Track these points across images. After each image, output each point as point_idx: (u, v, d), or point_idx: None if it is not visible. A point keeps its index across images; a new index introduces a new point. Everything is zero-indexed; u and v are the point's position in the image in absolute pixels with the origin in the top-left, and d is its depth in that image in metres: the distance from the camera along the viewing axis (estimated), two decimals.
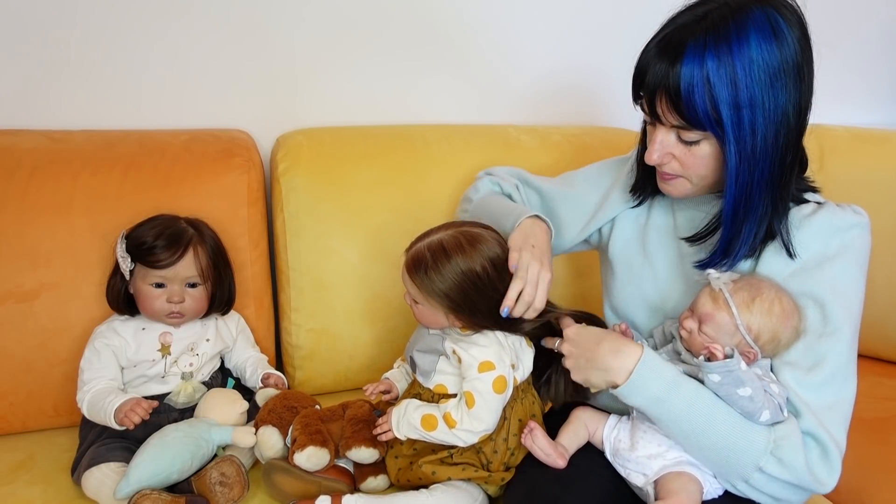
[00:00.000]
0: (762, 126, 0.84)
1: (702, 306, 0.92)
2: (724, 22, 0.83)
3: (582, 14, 1.70)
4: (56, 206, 1.23)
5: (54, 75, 1.39)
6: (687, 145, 0.90)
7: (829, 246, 0.92)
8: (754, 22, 0.83)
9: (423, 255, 1.00)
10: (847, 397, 0.91)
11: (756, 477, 0.87)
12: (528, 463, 1.03)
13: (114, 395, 1.09)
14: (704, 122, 0.85)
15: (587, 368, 0.94)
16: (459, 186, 1.45)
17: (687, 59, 0.83)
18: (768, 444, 0.86)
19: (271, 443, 1.08)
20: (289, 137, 1.45)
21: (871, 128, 1.78)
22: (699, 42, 0.83)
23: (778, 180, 0.89)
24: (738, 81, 0.82)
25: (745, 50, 0.82)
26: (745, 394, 0.86)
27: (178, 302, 1.15)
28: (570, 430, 1.03)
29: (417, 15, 1.58)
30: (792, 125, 0.87)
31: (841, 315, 0.90)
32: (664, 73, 0.85)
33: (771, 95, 0.83)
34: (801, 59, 0.85)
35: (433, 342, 1.06)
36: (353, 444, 1.06)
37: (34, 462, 1.16)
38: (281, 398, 1.15)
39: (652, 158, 0.93)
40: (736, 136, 0.84)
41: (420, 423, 1.02)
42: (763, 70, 0.82)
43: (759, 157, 0.86)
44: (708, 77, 0.82)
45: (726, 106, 0.83)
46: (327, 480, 1.04)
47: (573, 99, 1.74)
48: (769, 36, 0.83)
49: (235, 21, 1.46)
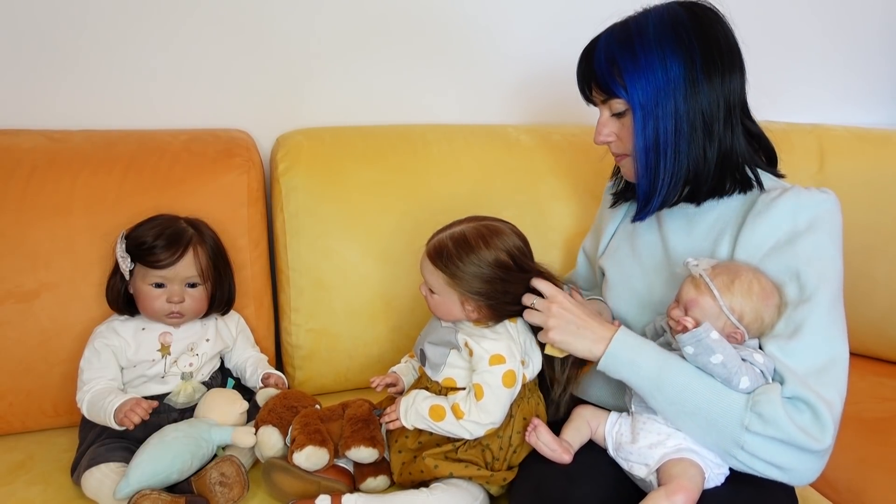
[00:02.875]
0: (663, 90, 0.96)
1: (685, 294, 0.96)
2: (627, 19, 1.02)
3: (582, 14, 1.70)
4: (56, 206, 1.23)
5: (54, 75, 1.39)
6: (618, 118, 1.03)
7: (798, 222, 0.96)
8: (654, 14, 1.00)
9: (446, 243, 1.03)
10: (836, 359, 0.92)
11: (747, 439, 0.89)
12: (532, 460, 1.04)
13: (113, 396, 1.09)
14: (614, 87, 0.99)
15: (574, 333, 0.98)
16: (459, 186, 1.45)
17: (598, 46, 1.02)
18: (748, 401, 0.90)
19: (271, 442, 1.08)
20: (289, 137, 1.45)
21: (871, 128, 1.78)
22: (605, 35, 1.02)
23: (687, 138, 0.98)
24: (637, 53, 0.97)
25: (644, 31, 0.98)
26: (717, 360, 0.90)
27: (177, 302, 1.15)
28: (573, 427, 1.04)
29: (418, 15, 1.58)
30: (700, 96, 0.96)
31: (814, 281, 0.93)
32: (585, 63, 1.05)
33: (667, 66, 0.96)
34: (710, 42, 0.97)
35: (446, 334, 1.06)
36: (353, 443, 1.06)
37: (34, 462, 1.16)
38: (281, 398, 1.15)
39: (598, 139, 1.07)
40: (640, 99, 0.97)
41: (428, 413, 1.02)
42: (657, 45, 0.96)
43: (661, 116, 0.97)
44: (613, 52, 0.99)
45: (628, 73, 0.98)
46: (326, 480, 1.04)
47: (573, 99, 1.74)
48: (666, 22, 0.97)
49: (235, 21, 1.46)
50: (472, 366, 1.03)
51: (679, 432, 0.95)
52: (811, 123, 1.79)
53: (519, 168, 1.51)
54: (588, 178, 1.53)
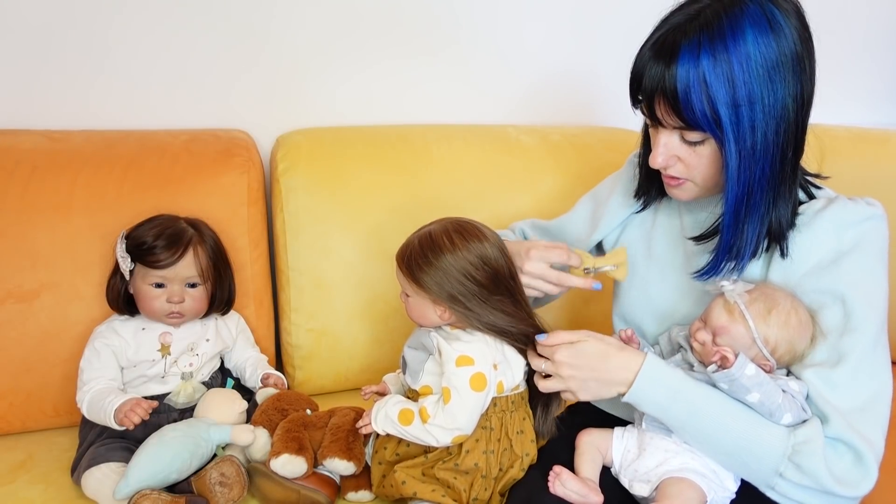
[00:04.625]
0: (762, 122, 0.82)
1: (716, 319, 0.90)
2: (717, 18, 0.81)
3: (582, 13, 1.70)
4: (56, 206, 1.23)
5: (54, 75, 1.39)
6: (691, 146, 0.89)
7: (844, 240, 0.88)
8: (749, 16, 0.81)
9: (412, 243, 1.00)
10: (880, 394, 0.86)
11: (779, 483, 0.85)
12: (521, 488, 0.98)
13: (113, 396, 1.08)
14: (703, 122, 0.83)
15: (597, 386, 0.92)
16: (459, 186, 1.45)
17: (682, 60, 0.81)
18: (786, 449, 0.84)
19: (259, 444, 1.08)
20: (289, 137, 1.45)
21: (871, 128, 1.78)
22: (693, 41, 0.81)
23: (779, 177, 0.86)
24: (736, 79, 0.80)
25: (742, 46, 0.80)
26: (754, 399, 0.85)
27: (178, 302, 1.15)
28: (588, 459, 0.98)
29: (417, 15, 1.58)
30: (792, 119, 0.84)
31: (863, 309, 0.86)
32: (660, 76, 0.84)
33: (770, 90, 0.81)
34: (800, 50, 0.83)
35: (422, 337, 1.04)
36: (329, 454, 1.04)
37: (34, 462, 1.16)
38: (275, 399, 1.15)
39: (657, 162, 0.91)
40: (735, 134, 0.83)
41: (397, 416, 0.98)
42: (760, 65, 0.80)
43: (759, 154, 0.84)
44: (704, 77, 0.81)
45: (724, 105, 0.81)
46: (306, 489, 1.02)
47: (573, 99, 1.74)
48: (766, 29, 0.81)
49: (236, 21, 1.46)
50: (441, 368, 0.99)
51: (686, 451, 0.91)
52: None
53: (519, 168, 1.51)
54: (588, 178, 1.53)
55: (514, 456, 1.01)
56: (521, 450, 1.02)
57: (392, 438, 1.03)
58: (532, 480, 0.98)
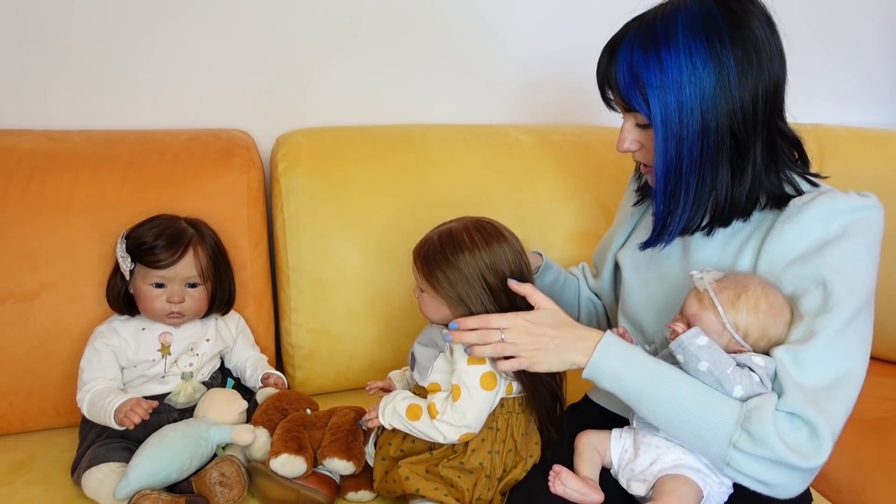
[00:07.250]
0: (689, 106, 0.88)
1: (689, 307, 0.92)
2: (655, 14, 0.92)
3: (582, 13, 1.70)
4: (56, 206, 1.23)
5: (54, 75, 1.39)
6: (643, 129, 0.96)
7: (831, 228, 0.89)
8: (685, 11, 0.89)
9: (431, 238, 1.01)
10: (849, 375, 0.86)
11: (734, 457, 0.85)
12: (522, 489, 0.99)
13: (114, 396, 1.08)
14: (634, 103, 0.92)
15: (554, 356, 0.92)
16: (459, 186, 1.45)
17: (620, 50, 0.93)
18: (739, 416, 0.84)
19: (259, 444, 1.08)
20: (289, 137, 1.45)
21: (871, 128, 1.78)
22: (631, 34, 0.93)
23: (715, 159, 0.90)
24: (664, 65, 0.88)
25: (672, 37, 0.88)
26: (703, 368, 0.87)
27: (178, 302, 1.15)
28: (587, 459, 0.98)
29: (417, 15, 1.58)
30: (731, 107, 0.88)
31: (841, 292, 0.87)
32: (605, 66, 0.96)
33: (697, 77, 0.88)
34: (743, 43, 0.88)
35: (433, 334, 1.04)
36: (328, 453, 1.04)
37: (34, 462, 1.16)
38: (275, 399, 1.15)
39: (621, 146, 0.99)
40: (663, 116, 0.90)
41: (405, 412, 0.99)
42: (688, 55, 0.88)
43: (686, 134, 0.90)
44: (635, 63, 0.91)
45: (652, 88, 0.89)
46: (306, 489, 1.02)
47: (573, 99, 1.74)
48: (698, 23, 0.88)
49: (236, 21, 1.46)
50: (452, 366, 0.99)
51: (679, 446, 0.92)
52: (811, 123, 1.78)
53: (519, 168, 1.51)
54: (588, 178, 1.54)
55: (518, 457, 1.01)
56: (525, 452, 1.02)
57: (397, 434, 1.03)
58: (532, 479, 0.99)
